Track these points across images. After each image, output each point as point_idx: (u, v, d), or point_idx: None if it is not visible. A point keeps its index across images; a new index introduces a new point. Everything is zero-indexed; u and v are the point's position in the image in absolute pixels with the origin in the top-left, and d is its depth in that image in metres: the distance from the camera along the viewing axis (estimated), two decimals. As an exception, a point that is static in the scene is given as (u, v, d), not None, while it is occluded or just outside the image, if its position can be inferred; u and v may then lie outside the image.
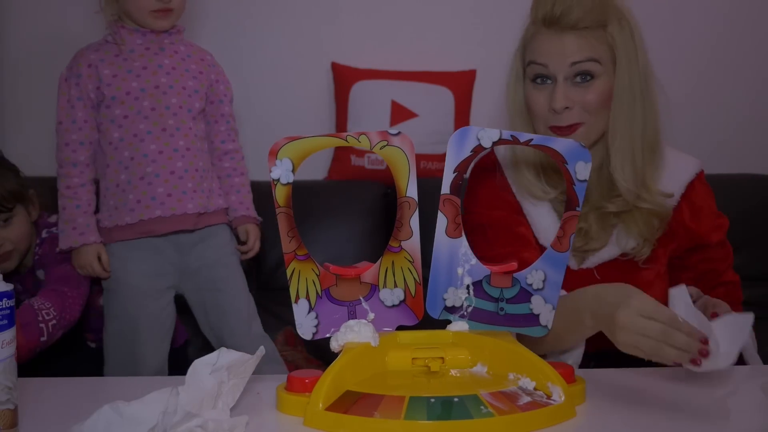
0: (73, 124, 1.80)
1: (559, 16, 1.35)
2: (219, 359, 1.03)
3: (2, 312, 0.96)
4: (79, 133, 1.80)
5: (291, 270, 1.13)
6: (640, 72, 1.39)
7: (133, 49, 1.83)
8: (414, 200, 1.13)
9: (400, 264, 1.15)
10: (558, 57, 1.37)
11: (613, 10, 1.38)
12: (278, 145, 1.09)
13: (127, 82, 1.80)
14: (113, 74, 1.80)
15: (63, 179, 1.80)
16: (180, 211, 1.80)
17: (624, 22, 1.39)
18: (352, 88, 2.50)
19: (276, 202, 1.10)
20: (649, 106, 1.41)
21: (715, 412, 1.12)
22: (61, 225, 1.80)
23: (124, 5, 1.81)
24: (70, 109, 1.80)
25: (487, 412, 0.99)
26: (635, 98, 1.39)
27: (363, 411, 1.00)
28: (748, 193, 2.43)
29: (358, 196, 2.42)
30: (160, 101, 1.81)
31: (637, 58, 1.38)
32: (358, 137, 1.10)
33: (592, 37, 1.36)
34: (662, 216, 1.43)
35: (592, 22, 1.36)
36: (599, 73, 1.37)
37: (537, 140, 1.14)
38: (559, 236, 1.16)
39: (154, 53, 1.84)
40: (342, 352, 1.11)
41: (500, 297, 1.17)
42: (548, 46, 1.37)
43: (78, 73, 1.80)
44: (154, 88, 1.81)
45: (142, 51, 1.83)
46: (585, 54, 1.36)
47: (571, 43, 1.36)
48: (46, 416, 1.08)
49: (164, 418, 0.93)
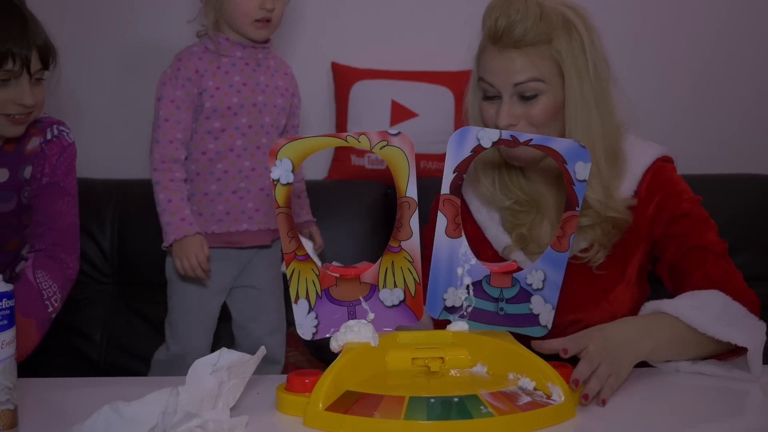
0: (178, 124, 1.85)
1: (502, 32, 1.33)
2: (220, 359, 1.03)
3: (2, 312, 0.96)
4: (184, 133, 1.86)
5: (291, 270, 1.13)
6: (592, 81, 1.36)
7: (235, 62, 1.89)
8: (414, 200, 1.13)
9: (399, 264, 1.15)
10: (502, 76, 1.36)
11: (561, 22, 1.35)
12: (278, 146, 1.09)
13: (229, 96, 1.86)
14: (216, 86, 1.86)
15: (165, 173, 1.85)
16: (265, 227, 1.92)
17: (574, 33, 1.36)
18: (352, 88, 2.49)
19: (276, 203, 1.10)
20: (607, 114, 1.38)
21: (715, 412, 1.12)
22: (167, 218, 1.83)
23: (226, 12, 1.85)
24: (175, 108, 1.85)
25: (487, 412, 0.99)
26: (590, 109, 1.36)
27: (363, 411, 1.00)
28: (748, 193, 2.43)
29: (358, 196, 2.41)
30: (257, 119, 1.89)
31: (587, 68, 1.36)
32: (358, 137, 1.10)
33: (535, 54, 1.34)
34: (620, 224, 1.39)
35: (536, 37, 1.33)
36: (543, 90, 1.35)
37: (536, 140, 1.14)
38: (558, 236, 1.16)
39: (253, 69, 1.91)
40: (342, 352, 1.11)
41: (500, 297, 1.17)
42: (493, 64, 1.37)
43: (187, 77, 1.86)
44: (251, 106, 1.89)
45: (243, 66, 1.90)
46: (527, 74, 1.34)
47: (514, 62, 1.34)
48: (46, 416, 1.08)
49: (164, 419, 0.93)
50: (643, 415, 1.08)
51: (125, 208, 2.25)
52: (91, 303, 2.16)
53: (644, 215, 1.41)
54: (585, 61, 1.36)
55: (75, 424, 0.93)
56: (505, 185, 1.46)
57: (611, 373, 1.11)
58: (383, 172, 2.44)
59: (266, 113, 1.91)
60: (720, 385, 1.21)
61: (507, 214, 1.46)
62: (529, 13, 1.32)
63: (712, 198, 2.21)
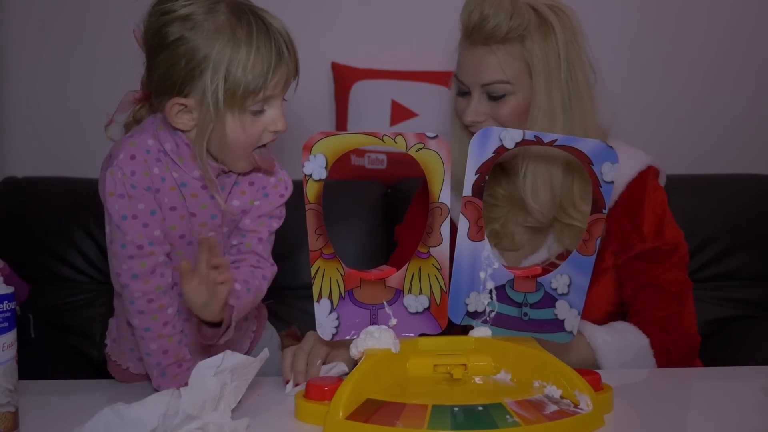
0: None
1: (473, 26, 1.34)
2: (223, 362, 1.01)
3: (3, 315, 0.96)
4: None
5: (316, 268, 1.11)
6: (563, 84, 1.35)
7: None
8: (446, 206, 1.11)
9: (427, 270, 1.13)
10: (472, 74, 1.38)
11: (537, 21, 1.35)
12: (313, 140, 1.06)
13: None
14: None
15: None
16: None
17: (551, 33, 1.35)
18: (352, 88, 2.47)
19: (306, 198, 1.07)
20: (578, 120, 1.37)
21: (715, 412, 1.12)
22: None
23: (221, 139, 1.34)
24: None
25: (513, 421, 0.96)
26: (554, 113, 1.35)
27: (385, 420, 0.97)
28: (748, 193, 2.42)
29: (358, 196, 2.39)
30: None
31: (559, 69, 1.35)
32: (395, 138, 1.08)
33: (505, 53, 1.35)
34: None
35: (508, 34, 1.33)
36: (510, 91, 1.36)
37: (561, 141, 1.12)
38: (585, 239, 1.13)
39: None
40: (362, 358, 1.08)
41: (524, 302, 1.15)
42: (464, 61, 1.39)
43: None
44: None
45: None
46: (494, 76, 1.35)
47: (483, 61, 1.36)
48: (46, 419, 1.08)
49: (164, 420, 0.92)
50: (671, 423, 1.06)
51: (125, 208, 2.21)
52: (91, 303, 2.13)
53: (618, 227, 1.42)
54: (558, 63, 1.35)
55: (75, 427, 0.93)
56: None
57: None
58: (383, 172, 2.42)
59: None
60: (720, 385, 1.21)
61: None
62: (501, 9, 1.33)
63: (712, 198, 2.22)
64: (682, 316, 1.39)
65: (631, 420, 1.05)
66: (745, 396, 1.17)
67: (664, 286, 1.39)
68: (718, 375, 1.31)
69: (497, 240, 1.44)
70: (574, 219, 1.38)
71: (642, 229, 1.41)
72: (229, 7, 1.18)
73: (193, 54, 1.15)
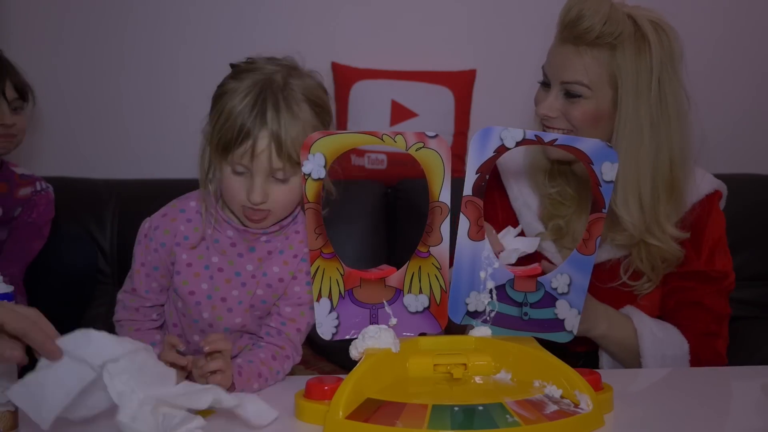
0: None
1: (568, 23, 1.33)
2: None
3: None
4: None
5: (315, 268, 1.10)
6: (653, 105, 1.34)
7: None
8: (446, 205, 1.10)
9: (426, 270, 1.12)
10: (555, 69, 1.39)
11: (634, 33, 1.33)
12: (312, 139, 1.06)
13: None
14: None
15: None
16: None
17: (645, 49, 1.33)
18: (352, 88, 2.47)
19: (305, 197, 1.07)
20: (665, 139, 1.35)
21: (715, 412, 1.12)
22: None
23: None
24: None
25: (513, 421, 0.96)
26: (642, 131, 1.34)
27: (385, 420, 0.97)
28: (748, 193, 2.42)
29: (358, 196, 2.39)
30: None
31: (650, 88, 1.33)
32: (394, 137, 1.08)
33: (591, 57, 1.34)
34: (669, 259, 1.40)
35: (599, 39, 1.32)
36: (587, 95, 1.36)
37: (561, 140, 1.12)
38: (584, 239, 1.13)
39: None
40: (362, 358, 1.08)
41: (524, 301, 1.15)
42: (553, 54, 1.40)
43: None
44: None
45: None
46: (575, 76, 1.35)
47: (568, 59, 1.36)
48: None
49: (164, 421, 0.92)
50: (670, 423, 1.06)
51: (125, 208, 2.21)
52: (91, 303, 2.12)
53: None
54: (649, 81, 1.33)
55: (76, 428, 0.93)
56: (554, 173, 1.47)
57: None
58: (383, 172, 2.42)
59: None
60: (720, 385, 1.22)
61: (548, 202, 1.47)
62: (597, 13, 1.31)
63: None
64: (718, 339, 1.43)
65: (631, 420, 1.05)
66: (745, 396, 1.18)
67: (707, 306, 1.43)
68: (718, 375, 1.31)
69: (559, 236, 1.46)
70: (655, 237, 1.38)
71: (700, 248, 1.43)
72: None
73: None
